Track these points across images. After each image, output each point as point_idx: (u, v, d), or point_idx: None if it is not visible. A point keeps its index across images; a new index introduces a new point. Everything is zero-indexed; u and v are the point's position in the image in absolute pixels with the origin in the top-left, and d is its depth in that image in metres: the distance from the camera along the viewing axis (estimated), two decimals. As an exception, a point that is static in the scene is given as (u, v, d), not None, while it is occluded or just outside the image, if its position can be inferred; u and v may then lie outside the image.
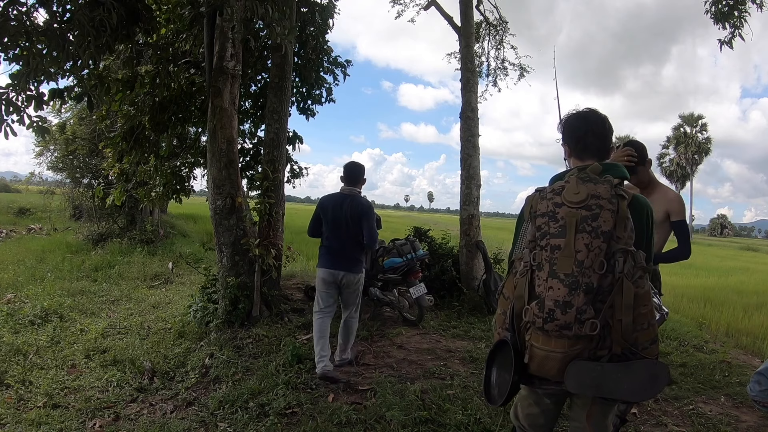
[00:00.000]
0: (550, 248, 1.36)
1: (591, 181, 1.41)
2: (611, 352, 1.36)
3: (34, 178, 12.01)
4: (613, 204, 1.36)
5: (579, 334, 1.31)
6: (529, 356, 1.41)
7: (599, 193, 1.37)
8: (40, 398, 3.05)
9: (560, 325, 1.31)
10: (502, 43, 8.77)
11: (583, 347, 1.34)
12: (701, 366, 3.93)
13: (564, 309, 1.30)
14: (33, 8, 2.93)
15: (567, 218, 1.36)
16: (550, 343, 1.35)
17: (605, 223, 1.34)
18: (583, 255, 1.32)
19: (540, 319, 1.34)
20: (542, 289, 1.35)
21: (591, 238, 1.33)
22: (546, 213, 1.40)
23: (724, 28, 5.36)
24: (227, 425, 2.77)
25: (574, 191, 1.39)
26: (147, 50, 4.63)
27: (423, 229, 6.31)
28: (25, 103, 2.93)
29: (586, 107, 1.64)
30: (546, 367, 1.39)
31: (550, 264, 1.35)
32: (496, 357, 1.55)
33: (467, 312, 5.21)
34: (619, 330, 1.34)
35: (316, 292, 3.53)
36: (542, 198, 1.44)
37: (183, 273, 7.36)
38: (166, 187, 5.31)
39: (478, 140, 5.85)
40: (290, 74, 4.96)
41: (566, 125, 1.64)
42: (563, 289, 1.32)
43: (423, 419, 2.76)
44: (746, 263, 15.44)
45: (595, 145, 1.57)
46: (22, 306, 4.92)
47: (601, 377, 1.33)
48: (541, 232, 1.40)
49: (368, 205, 3.46)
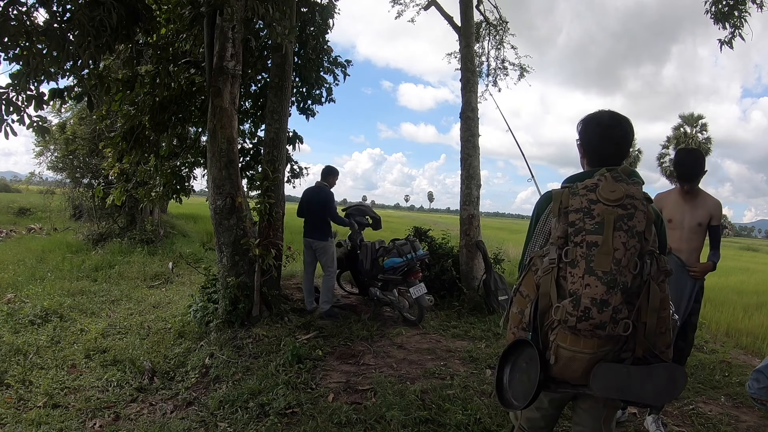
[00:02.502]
0: (587, 245, 1.31)
1: (623, 182, 1.39)
2: (634, 355, 1.35)
3: (34, 178, 11.99)
4: (644, 206, 1.35)
5: (612, 334, 1.28)
6: (554, 357, 1.36)
7: (633, 194, 1.36)
8: (40, 398, 3.05)
9: (595, 324, 1.28)
10: (502, 43, 8.77)
11: (610, 348, 1.33)
12: (701, 366, 3.93)
13: (601, 308, 1.27)
14: (33, 8, 2.93)
15: (604, 215, 1.32)
16: (579, 343, 1.31)
17: (639, 223, 1.32)
18: (621, 253, 1.29)
19: (573, 317, 1.29)
20: (578, 287, 1.30)
21: (627, 237, 1.31)
22: (581, 209, 1.35)
23: (724, 28, 5.37)
24: (227, 425, 2.77)
25: (610, 189, 1.36)
26: (147, 50, 4.63)
27: (423, 229, 6.31)
28: (26, 103, 2.93)
29: (604, 110, 1.61)
30: (571, 368, 1.36)
31: (586, 261, 1.30)
32: (509, 358, 1.49)
33: (467, 312, 5.21)
34: (643, 332, 1.33)
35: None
36: (574, 194, 1.39)
37: (183, 273, 7.36)
38: (166, 187, 5.31)
39: (478, 140, 5.85)
40: (290, 74, 4.96)
41: (582, 129, 1.61)
42: (601, 287, 1.28)
43: (423, 419, 2.76)
44: (746, 263, 15.43)
45: (612, 151, 1.54)
46: (22, 306, 4.92)
47: (628, 380, 1.32)
48: (575, 228, 1.34)
49: (329, 194, 4.99)
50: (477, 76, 6.18)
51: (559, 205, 1.40)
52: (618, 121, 1.55)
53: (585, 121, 1.60)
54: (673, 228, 2.73)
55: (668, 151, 40.69)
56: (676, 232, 2.73)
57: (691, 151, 2.76)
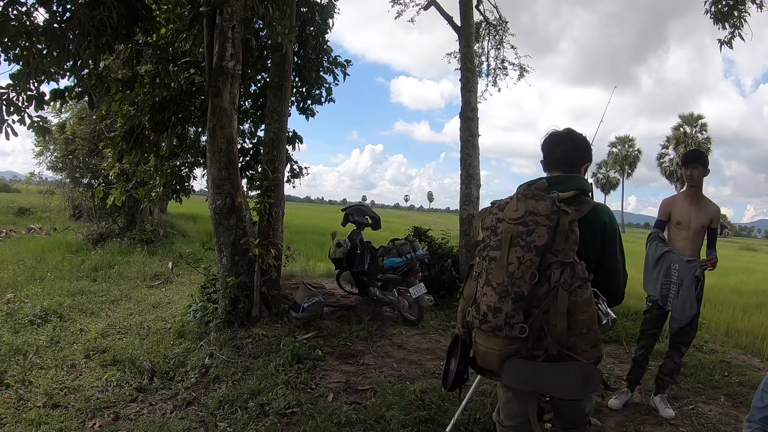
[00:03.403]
0: (488, 259, 1.53)
1: (533, 198, 1.53)
2: (547, 353, 1.49)
3: (34, 178, 11.97)
4: (551, 220, 1.47)
5: (510, 335, 1.46)
6: (474, 351, 1.59)
7: (538, 210, 1.49)
8: (40, 398, 3.05)
9: (492, 327, 1.47)
10: (502, 42, 8.77)
11: (518, 347, 1.48)
12: (701, 366, 3.94)
13: (495, 313, 1.47)
14: (33, 8, 2.93)
15: (504, 233, 1.51)
16: (489, 341, 1.51)
17: (539, 238, 1.46)
18: (515, 267, 1.46)
19: (477, 320, 1.52)
20: (479, 295, 1.52)
21: (523, 252, 1.46)
22: (490, 227, 1.57)
23: (724, 28, 5.37)
24: (227, 425, 2.77)
25: (513, 208, 1.53)
26: (147, 50, 4.63)
27: (423, 229, 6.31)
28: (26, 103, 2.93)
29: (566, 128, 1.81)
30: (488, 361, 1.55)
31: (486, 273, 1.52)
32: (453, 349, 1.75)
33: (467, 312, 5.21)
34: (554, 333, 1.46)
35: None
36: (489, 213, 1.60)
37: (183, 273, 7.36)
38: (166, 187, 5.30)
39: (477, 140, 5.85)
40: (290, 74, 4.96)
41: (542, 142, 1.82)
42: (494, 296, 1.47)
43: (423, 419, 2.76)
44: (746, 263, 15.42)
45: (559, 159, 1.75)
46: (21, 306, 4.92)
47: (534, 374, 1.47)
48: (484, 244, 1.57)
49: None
50: (477, 76, 6.17)
51: (480, 223, 1.64)
52: (568, 135, 1.78)
53: (544, 137, 1.83)
54: (681, 229, 3.05)
55: (668, 151, 40.56)
56: (682, 232, 3.05)
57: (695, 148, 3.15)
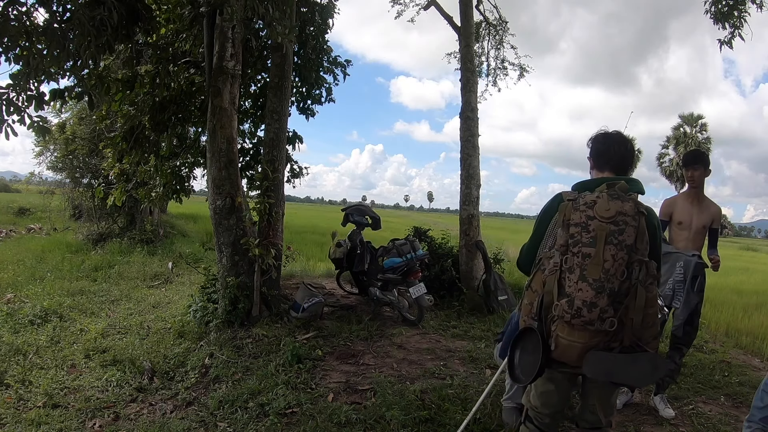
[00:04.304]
0: (582, 255, 1.58)
1: (619, 199, 1.61)
2: (622, 345, 1.60)
3: (34, 178, 11.97)
4: (636, 220, 1.58)
5: (600, 329, 1.55)
6: (554, 344, 1.64)
7: (626, 211, 1.58)
8: (40, 398, 3.05)
9: (585, 321, 1.55)
10: (502, 42, 8.76)
11: (600, 339, 1.58)
12: (701, 366, 3.94)
13: (590, 308, 1.54)
14: (33, 8, 2.93)
15: (598, 231, 1.57)
16: (573, 334, 1.59)
17: (629, 237, 1.56)
18: (609, 264, 1.55)
19: (568, 314, 1.57)
20: (573, 290, 1.57)
21: (616, 250, 1.55)
22: (579, 223, 1.61)
23: (724, 28, 5.37)
24: (227, 425, 2.77)
25: (605, 207, 1.59)
26: (147, 50, 4.63)
27: (423, 229, 6.31)
28: (26, 103, 2.93)
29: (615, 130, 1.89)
30: (567, 353, 1.63)
31: (581, 269, 1.57)
32: (520, 341, 1.77)
33: (467, 312, 5.21)
34: (630, 327, 1.58)
35: None
36: (575, 209, 1.63)
37: (183, 273, 7.36)
38: (166, 187, 5.30)
39: (477, 140, 5.85)
40: (290, 74, 4.96)
41: (593, 141, 1.90)
42: (591, 291, 1.54)
43: (423, 419, 2.76)
44: (746, 263, 15.42)
45: (614, 160, 1.82)
46: (21, 306, 4.92)
47: (613, 365, 1.58)
48: (574, 240, 1.60)
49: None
50: (477, 76, 6.17)
51: (563, 217, 1.66)
52: (626, 139, 1.87)
53: (595, 136, 1.90)
54: (683, 229, 3.07)
55: (668, 151, 40.59)
56: (684, 232, 3.07)
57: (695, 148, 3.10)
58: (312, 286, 5.17)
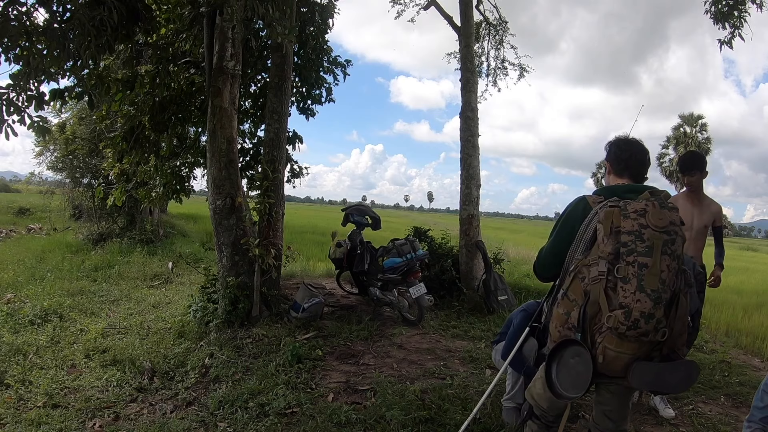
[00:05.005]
0: (638, 265, 1.53)
1: (666, 208, 1.61)
2: (661, 354, 1.60)
3: (34, 178, 12.00)
4: (681, 230, 1.61)
5: (653, 340, 1.53)
6: (602, 356, 1.59)
7: (675, 221, 1.60)
8: (40, 398, 3.05)
9: (641, 332, 1.51)
10: (502, 42, 8.76)
11: (645, 350, 1.57)
12: (701, 366, 3.93)
13: (648, 320, 1.50)
14: (33, 8, 2.93)
15: (653, 240, 1.55)
16: (623, 345, 1.55)
17: (679, 247, 1.58)
18: (666, 274, 1.53)
19: (624, 326, 1.51)
20: (629, 301, 1.51)
21: (671, 260, 1.55)
22: (632, 232, 1.56)
23: (724, 28, 5.37)
24: (227, 425, 2.77)
25: (658, 216, 1.58)
26: (147, 50, 4.63)
27: (423, 229, 6.31)
28: (26, 103, 2.93)
29: (633, 137, 1.91)
30: (613, 365, 1.59)
31: (638, 279, 1.52)
32: (557, 353, 1.69)
33: (467, 312, 5.21)
34: (671, 336, 1.55)
35: None
36: (625, 216, 1.59)
37: (183, 273, 7.36)
38: (166, 187, 5.30)
39: (478, 140, 5.85)
40: (290, 74, 4.96)
41: (613, 146, 1.90)
42: (649, 302, 1.50)
43: (423, 419, 2.76)
44: (746, 263, 15.41)
45: (635, 167, 1.84)
46: (22, 306, 4.92)
47: (656, 374, 1.57)
48: (628, 249, 1.55)
49: None
50: (477, 76, 6.17)
51: (610, 224, 1.60)
52: (643, 144, 1.88)
53: (616, 141, 1.91)
54: (684, 230, 3.02)
55: (668, 151, 40.55)
56: (685, 233, 3.03)
57: (690, 151, 3.20)
58: (312, 286, 5.17)
